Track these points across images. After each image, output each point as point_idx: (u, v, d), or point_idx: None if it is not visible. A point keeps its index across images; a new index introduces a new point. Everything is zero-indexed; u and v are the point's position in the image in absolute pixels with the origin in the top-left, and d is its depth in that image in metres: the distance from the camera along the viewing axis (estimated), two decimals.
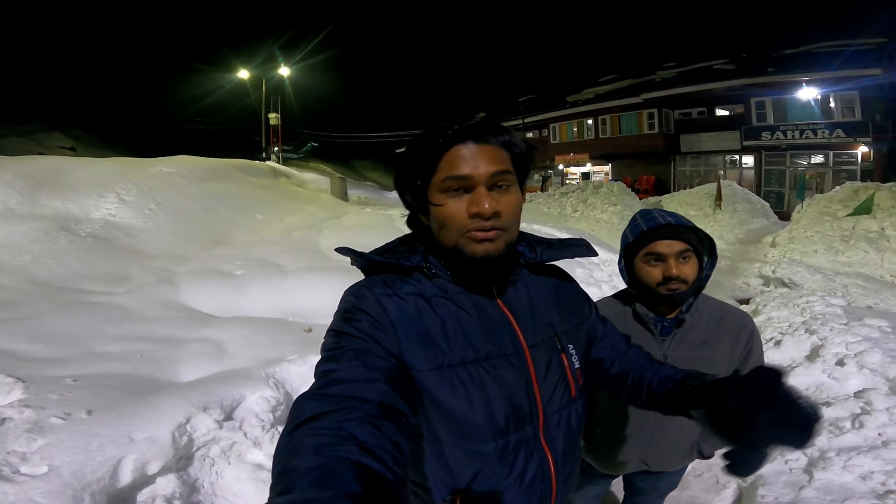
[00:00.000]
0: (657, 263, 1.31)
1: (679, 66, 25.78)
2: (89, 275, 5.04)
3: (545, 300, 0.94)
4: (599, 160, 25.41)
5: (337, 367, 0.72)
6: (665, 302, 1.35)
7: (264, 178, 12.49)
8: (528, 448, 0.85)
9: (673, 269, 1.29)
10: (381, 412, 0.66)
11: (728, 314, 1.46)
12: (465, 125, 0.80)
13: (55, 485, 1.84)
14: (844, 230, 8.85)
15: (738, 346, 1.42)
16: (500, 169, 0.80)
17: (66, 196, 6.84)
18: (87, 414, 2.31)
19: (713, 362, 1.40)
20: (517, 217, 0.84)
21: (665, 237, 1.30)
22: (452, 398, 0.79)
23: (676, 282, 1.29)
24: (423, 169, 0.82)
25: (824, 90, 18.24)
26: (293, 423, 0.64)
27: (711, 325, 1.41)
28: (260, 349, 3.33)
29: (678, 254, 1.29)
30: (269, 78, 25.85)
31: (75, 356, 3.16)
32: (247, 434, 2.41)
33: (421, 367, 0.78)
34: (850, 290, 6.33)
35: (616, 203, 13.63)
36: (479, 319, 0.84)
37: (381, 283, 0.84)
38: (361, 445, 0.59)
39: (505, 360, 0.83)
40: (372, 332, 0.77)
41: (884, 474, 2.09)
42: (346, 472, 0.54)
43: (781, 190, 19.90)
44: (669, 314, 1.40)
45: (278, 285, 4.88)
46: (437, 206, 0.81)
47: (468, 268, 0.84)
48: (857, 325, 3.82)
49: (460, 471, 0.82)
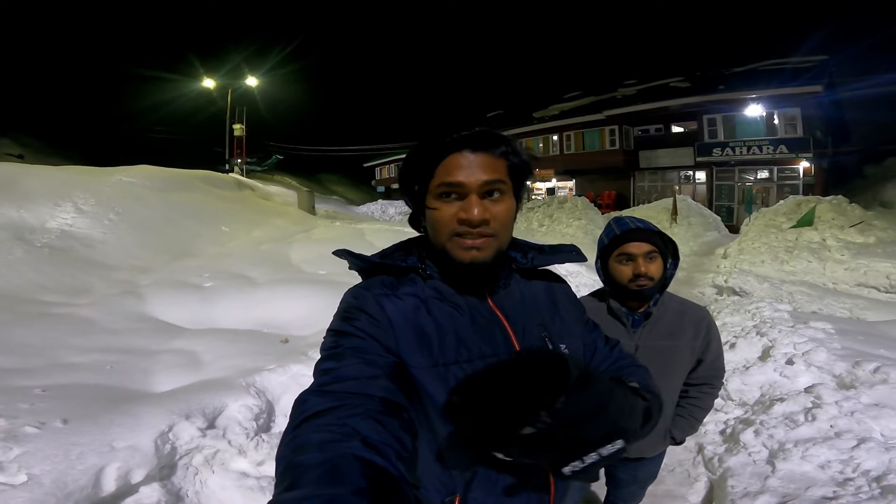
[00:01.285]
0: (628, 262, 1.50)
1: (639, 84, 26.92)
2: (48, 286, 4.83)
3: (537, 302, 0.96)
4: (564, 175, 26.09)
5: (338, 364, 0.74)
6: (635, 297, 1.54)
7: (229, 190, 12.22)
8: None
9: (641, 267, 1.48)
10: (383, 408, 0.67)
11: (688, 308, 1.65)
12: (463, 134, 0.82)
13: (36, 494, 1.79)
14: (789, 241, 9.44)
15: (698, 336, 1.61)
16: (493, 178, 0.82)
17: (20, 204, 6.51)
18: (62, 423, 2.24)
19: (678, 351, 1.59)
20: (508, 225, 0.86)
21: (634, 239, 1.49)
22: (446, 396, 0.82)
23: (644, 278, 1.48)
24: (421, 174, 0.86)
25: (769, 107, 19.29)
26: (297, 419, 0.65)
27: (675, 318, 1.60)
28: (237, 359, 3.29)
29: (646, 254, 1.48)
30: (235, 88, 25.39)
31: (41, 367, 3.05)
32: (231, 442, 2.38)
33: (417, 364, 0.80)
34: (796, 297, 6.77)
35: (580, 217, 14.05)
36: (472, 320, 0.86)
37: (378, 285, 0.86)
38: (365, 441, 0.60)
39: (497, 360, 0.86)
40: (371, 330, 0.79)
41: (840, 463, 2.26)
42: (351, 467, 0.55)
43: (731, 204, 20.94)
44: (639, 308, 1.58)
45: (250, 297, 4.81)
46: (430, 210, 0.85)
47: (458, 271, 0.86)
48: (803, 328, 4.12)
49: (459, 471, 0.82)
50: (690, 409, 1.72)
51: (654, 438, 1.67)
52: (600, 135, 23.98)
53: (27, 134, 31.69)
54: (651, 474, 1.82)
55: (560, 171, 25.92)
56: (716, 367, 1.68)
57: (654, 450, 1.72)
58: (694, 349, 1.61)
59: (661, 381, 1.50)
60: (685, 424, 1.72)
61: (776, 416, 2.80)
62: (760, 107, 19.42)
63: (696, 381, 1.69)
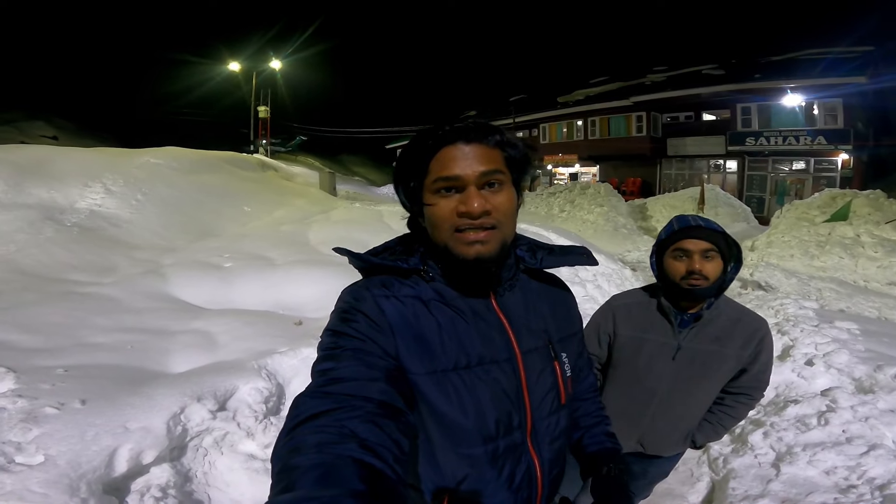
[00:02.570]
0: (683, 259, 1.44)
1: (669, 70, 26.07)
2: (76, 265, 5.01)
3: (542, 307, 0.94)
4: (588, 161, 25.65)
5: (336, 365, 0.73)
6: (686, 296, 1.46)
7: (252, 171, 12.41)
8: (516, 453, 0.86)
9: (696, 264, 1.41)
10: (381, 410, 0.67)
11: (746, 317, 1.56)
12: (455, 127, 0.81)
13: (52, 474, 1.85)
14: (821, 236, 9.10)
15: (748, 346, 1.53)
16: (490, 168, 0.80)
17: (51, 185, 6.75)
18: (81, 404, 2.31)
19: (722, 358, 1.52)
20: (510, 216, 0.84)
21: (693, 236, 1.43)
22: (445, 403, 0.81)
23: (698, 276, 1.41)
24: (415, 171, 0.84)
25: (808, 97, 18.54)
26: (293, 421, 0.64)
27: (727, 324, 1.52)
28: (251, 341, 3.36)
29: (702, 252, 1.41)
30: (260, 71, 25.63)
31: (65, 346, 3.15)
32: (240, 424, 2.44)
33: (416, 370, 0.79)
34: (824, 294, 6.55)
35: (602, 204, 13.81)
36: (475, 324, 0.85)
37: (379, 285, 0.84)
38: (363, 443, 0.60)
39: (497, 367, 0.84)
40: (370, 333, 0.78)
41: (846, 469, 2.22)
42: (348, 470, 0.55)
43: (763, 195, 20.30)
44: (691, 310, 1.50)
45: (268, 278, 4.90)
46: (429, 207, 0.83)
47: (461, 269, 0.84)
48: (827, 327, 3.99)
49: (450, 472, 0.83)
50: (720, 416, 1.66)
51: (675, 439, 1.65)
52: (626, 121, 23.43)
53: (61, 116, 32.71)
54: (663, 472, 1.81)
55: (584, 157, 25.50)
56: (759, 380, 1.60)
57: (673, 450, 1.69)
58: (740, 358, 1.54)
59: (697, 384, 1.55)
60: (710, 431, 1.68)
61: (788, 418, 2.74)
62: (799, 96, 18.63)
63: (734, 390, 1.61)
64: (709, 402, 1.61)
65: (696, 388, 1.55)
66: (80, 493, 1.85)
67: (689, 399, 1.57)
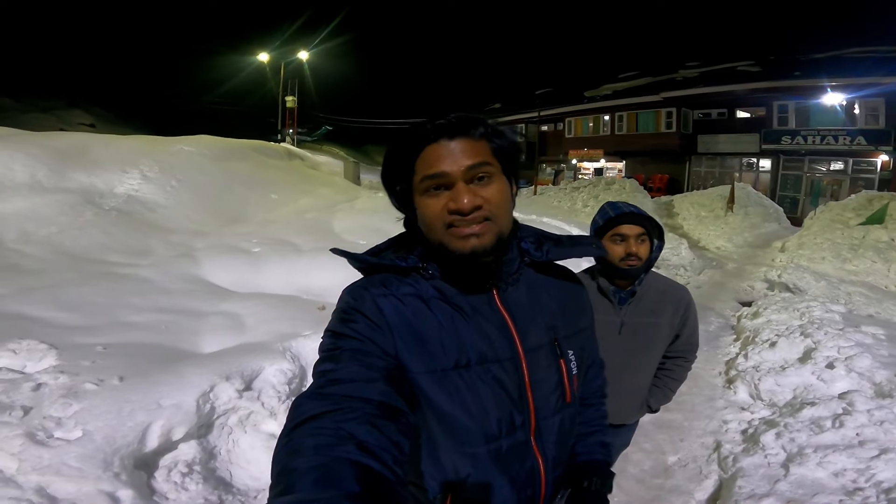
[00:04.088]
0: (621, 243, 1.62)
1: (702, 66, 25.40)
2: (113, 247, 5.27)
3: (548, 302, 0.92)
4: (613, 157, 25.23)
5: (335, 367, 0.72)
6: (624, 275, 1.65)
7: (279, 160, 12.67)
8: (520, 453, 0.85)
9: (633, 247, 1.60)
10: (380, 411, 0.66)
11: (670, 287, 1.79)
12: (437, 123, 0.79)
13: (88, 449, 1.94)
14: (854, 239, 8.81)
15: (677, 314, 1.75)
16: (477, 161, 0.78)
17: (91, 171, 7.06)
18: (119, 380, 2.43)
19: (658, 328, 1.74)
20: (504, 207, 0.82)
21: (628, 222, 1.62)
22: (447, 402, 0.80)
23: (634, 258, 1.61)
24: (401, 173, 0.83)
25: (849, 96, 17.85)
26: (292, 422, 0.64)
27: (657, 296, 1.74)
28: (276, 324, 3.51)
29: (637, 236, 1.61)
30: (288, 62, 26.01)
31: (104, 325, 3.33)
32: (264, 404, 2.55)
33: (416, 369, 0.79)
34: (853, 299, 6.37)
35: (627, 200, 13.62)
36: (476, 323, 0.83)
37: (378, 284, 0.83)
38: (361, 445, 0.59)
39: (499, 365, 0.83)
40: (369, 333, 0.77)
41: (856, 472, 2.21)
42: (345, 472, 0.55)
43: (797, 195, 19.66)
44: (625, 287, 1.69)
45: (293, 264, 5.06)
46: (419, 208, 0.82)
47: (459, 266, 0.83)
48: (851, 331, 3.92)
49: (453, 471, 0.83)
50: (665, 380, 1.86)
51: (633, 407, 1.82)
52: (656, 116, 22.91)
53: (98, 105, 33.88)
54: (625, 442, 1.97)
55: (610, 152, 25.07)
56: (691, 342, 1.83)
57: (633, 417, 1.87)
58: (672, 325, 1.75)
59: (643, 355, 1.75)
60: (660, 395, 1.87)
61: (803, 419, 2.73)
62: (840, 95, 17.87)
63: (672, 355, 1.83)
64: (654, 369, 1.81)
65: (642, 358, 1.75)
66: (114, 467, 1.93)
67: (638, 368, 1.76)
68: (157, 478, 2.12)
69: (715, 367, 4.23)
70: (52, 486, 1.83)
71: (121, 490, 1.88)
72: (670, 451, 2.89)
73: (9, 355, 2.66)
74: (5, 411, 2.13)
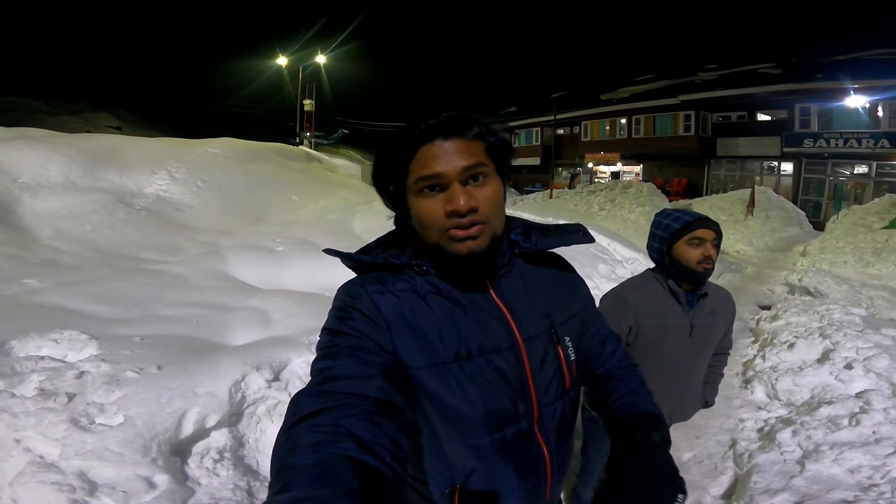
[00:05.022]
0: (699, 246, 1.65)
1: (721, 69, 25.08)
2: (145, 244, 5.49)
3: (542, 290, 0.92)
4: (630, 160, 25.05)
5: (333, 364, 0.73)
6: (696, 278, 1.68)
7: (299, 162, 12.94)
8: (524, 441, 0.86)
9: (711, 251, 1.65)
10: (378, 408, 0.66)
11: (718, 290, 1.86)
12: (430, 123, 0.78)
13: (129, 434, 2.01)
14: (877, 242, 8.67)
15: (728, 314, 1.87)
16: (472, 162, 0.78)
17: (122, 172, 7.35)
18: (157, 369, 2.53)
19: (718, 328, 1.82)
20: (498, 208, 0.82)
21: (705, 226, 1.66)
22: (448, 395, 0.80)
23: (710, 261, 1.65)
24: (395, 173, 0.82)
25: (873, 98, 17.50)
26: (290, 420, 0.64)
27: (713, 298, 1.80)
28: (301, 319, 3.63)
29: (712, 240, 1.66)
30: (306, 66, 26.44)
31: (139, 317, 3.49)
32: (290, 395, 2.58)
33: (416, 364, 0.79)
34: (875, 302, 6.29)
35: (644, 204, 13.55)
36: (473, 315, 0.84)
37: (374, 281, 0.84)
38: (359, 442, 0.59)
39: (499, 355, 0.83)
40: (366, 329, 0.78)
41: (871, 469, 2.23)
42: (343, 469, 0.55)
43: (819, 199, 19.29)
44: (691, 290, 1.73)
45: (315, 262, 5.20)
46: (414, 209, 0.81)
47: (455, 266, 0.83)
48: (871, 333, 3.90)
49: (458, 465, 0.84)
50: (714, 375, 1.96)
51: (695, 404, 1.91)
52: (674, 120, 22.70)
53: (124, 108, 34.86)
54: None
55: (626, 156, 24.90)
56: (729, 339, 1.95)
57: (693, 414, 1.94)
58: (726, 325, 1.86)
59: (706, 354, 1.83)
60: (711, 390, 1.97)
61: (820, 418, 2.75)
62: (863, 97, 17.52)
63: (717, 351, 1.91)
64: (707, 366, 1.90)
65: (704, 358, 1.83)
66: (152, 453, 2.00)
67: (702, 368, 1.85)
68: (190, 464, 2.18)
69: (732, 367, 4.24)
70: (92, 470, 1.89)
71: (157, 475, 1.94)
72: (685, 447, 2.93)
73: (51, 345, 2.76)
74: (50, 398, 2.20)
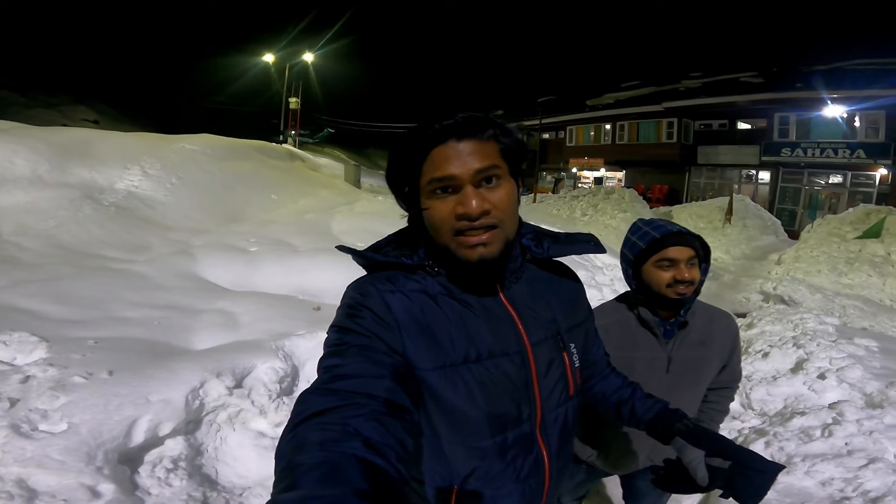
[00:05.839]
0: (669, 268, 1.37)
1: (704, 77, 25.52)
2: (111, 242, 5.28)
3: (549, 297, 0.93)
4: (614, 166, 25.32)
5: (341, 362, 0.72)
6: (670, 305, 1.41)
7: (281, 161, 12.70)
8: (525, 445, 0.86)
9: (685, 272, 1.35)
10: (386, 408, 0.66)
11: (715, 314, 1.55)
12: (445, 124, 0.77)
13: (72, 442, 1.93)
14: (851, 252, 8.85)
15: (727, 344, 1.54)
16: (486, 165, 0.77)
17: (93, 166, 7.09)
18: (108, 374, 2.43)
19: (709, 361, 1.51)
20: (511, 212, 0.81)
21: (676, 244, 1.37)
22: (455, 397, 0.80)
23: (686, 285, 1.36)
24: (408, 174, 0.81)
25: (851, 108, 17.89)
26: (297, 417, 0.64)
27: (704, 325, 1.50)
28: (271, 323, 3.51)
29: (688, 259, 1.37)
30: (293, 63, 26.15)
31: (97, 319, 3.33)
32: (254, 402, 2.54)
33: (424, 366, 0.78)
34: (848, 311, 6.39)
35: (626, 210, 13.65)
36: (484, 317, 0.84)
37: (384, 280, 0.83)
38: (367, 442, 0.59)
39: (507, 359, 0.83)
40: (376, 329, 0.77)
41: (843, 481, 2.20)
42: (351, 468, 0.54)
43: (795, 208, 19.70)
44: (669, 318, 1.46)
45: (291, 264, 5.07)
46: (426, 210, 0.81)
47: (466, 269, 0.83)
48: (844, 343, 3.92)
49: (458, 466, 0.83)
50: (711, 413, 1.64)
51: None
52: (657, 126, 23.01)
53: (103, 102, 34.03)
54: None
55: (610, 162, 25.17)
56: (735, 371, 1.62)
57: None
58: (722, 357, 1.54)
59: (692, 391, 1.52)
60: None
61: (792, 429, 2.73)
62: (841, 107, 17.95)
63: (717, 386, 1.61)
64: (699, 401, 1.61)
65: (689, 394, 1.53)
66: (97, 461, 1.92)
67: (684, 405, 1.49)
68: (140, 473, 2.11)
69: None
70: (32, 478, 1.81)
71: (102, 484, 1.87)
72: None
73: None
74: None
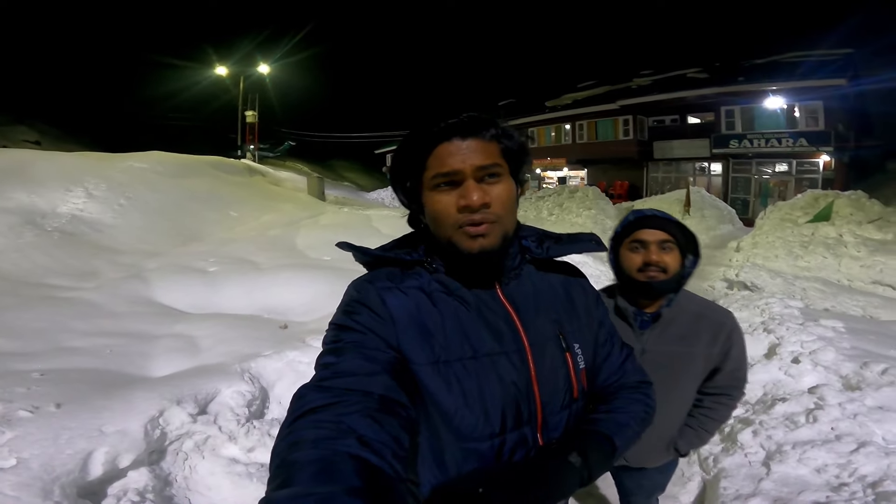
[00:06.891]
0: (639, 250, 1.35)
1: (655, 74, 26.42)
2: (56, 269, 4.91)
3: (552, 296, 0.92)
4: (576, 165, 25.84)
5: (337, 359, 0.72)
6: (644, 292, 1.37)
7: (239, 176, 12.28)
8: (526, 449, 0.82)
9: (653, 254, 1.32)
10: (381, 406, 0.66)
11: (709, 311, 1.47)
12: (450, 122, 0.80)
13: (24, 477, 1.82)
14: (804, 236, 9.21)
15: (715, 344, 1.43)
16: (487, 162, 0.80)
17: (32, 189, 6.64)
18: (55, 407, 2.28)
19: (690, 359, 1.43)
20: (510, 208, 0.84)
21: (648, 226, 1.35)
22: (447, 394, 0.78)
23: (655, 269, 1.33)
24: (412, 169, 0.83)
25: (790, 99, 18.87)
26: (293, 414, 0.64)
27: (691, 321, 1.43)
28: (235, 345, 3.31)
29: (659, 242, 1.34)
30: (248, 75, 25.43)
31: (42, 351, 3.10)
32: (221, 428, 2.39)
33: (418, 360, 0.78)
34: (809, 294, 6.61)
35: (591, 207, 13.88)
36: (480, 315, 0.83)
37: (383, 277, 0.84)
38: (361, 439, 0.59)
39: (505, 358, 0.82)
40: (372, 325, 0.77)
41: (837, 467, 2.19)
42: (345, 466, 0.54)
43: (747, 197, 20.58)
44: (650, 308, 1.41)
45: (254, 282, 4.84)
46: (428, 204, 0.82)
47: (466, 263, 0.83)
48: (812, 326, 4.01)
49: (455, 468, 0.80)
50: (702, 419, 1.54)
51: (657, 448, 1.54)
52: (614, 125, 23.66)
53: (44, 121, 32.21)
54: (657, 485, 1.68)
55: (572, 161, 25.69)
56: (736, 378, 1.49)
57: (657, 460, 1.58)
58: (709, 357, 1.44)
59: (668, 390, 1.39)
60: (693, 436, 1.55)
61: (777, 416, 2.73)
62: (781, 99, 18.97)
63: (712, 391, 1.51)
64: (685, 405, 1.52)
65: (668, 393, 1.39)
66: (54, 495, 1.82)
67: (662, 405, 1.34)
68: None
69: None
70: None
71: None
72: None
73: None
74: None
